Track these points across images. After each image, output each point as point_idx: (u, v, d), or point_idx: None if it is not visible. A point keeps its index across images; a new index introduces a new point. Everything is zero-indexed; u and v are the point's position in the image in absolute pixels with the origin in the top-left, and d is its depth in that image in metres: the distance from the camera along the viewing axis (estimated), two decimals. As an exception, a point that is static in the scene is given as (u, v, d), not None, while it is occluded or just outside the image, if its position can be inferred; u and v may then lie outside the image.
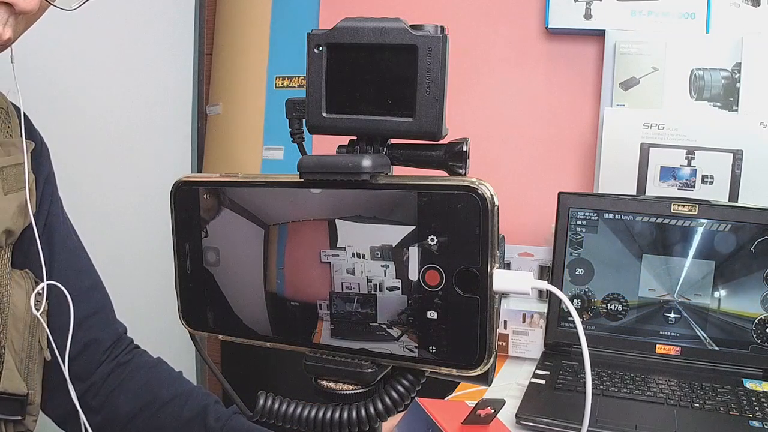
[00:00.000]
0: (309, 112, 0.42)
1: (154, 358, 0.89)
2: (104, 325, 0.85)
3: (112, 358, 0.85)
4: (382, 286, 0.41)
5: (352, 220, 0.41)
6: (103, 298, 0.87)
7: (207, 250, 0.46)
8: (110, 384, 0.83)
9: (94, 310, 0.84)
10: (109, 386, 0.83)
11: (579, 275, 1.21)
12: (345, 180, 0.41)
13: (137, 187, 1.49)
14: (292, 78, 1.64)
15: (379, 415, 0.43)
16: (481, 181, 0.38)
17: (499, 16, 1.47)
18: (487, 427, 0.58)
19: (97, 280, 0.87)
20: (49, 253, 0.78)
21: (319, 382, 0.44)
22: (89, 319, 0.83)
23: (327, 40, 0.41)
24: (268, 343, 0.46)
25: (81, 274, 0.84)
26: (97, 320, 0.84)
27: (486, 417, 0.57)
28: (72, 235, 0.86)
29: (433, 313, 0.40)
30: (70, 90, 1.33)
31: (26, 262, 0.77)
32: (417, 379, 0.44)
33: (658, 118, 1.29)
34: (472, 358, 0.39)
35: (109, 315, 0.87)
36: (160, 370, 0.87)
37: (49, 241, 0.79)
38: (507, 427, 0.64)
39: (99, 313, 0.85)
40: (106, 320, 0.86)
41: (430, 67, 0.40)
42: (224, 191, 0.45)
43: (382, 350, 0.42)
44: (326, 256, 0.42)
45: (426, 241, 0.39)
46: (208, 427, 0.79)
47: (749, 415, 0.96)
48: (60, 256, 0.80)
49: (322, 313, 0.43)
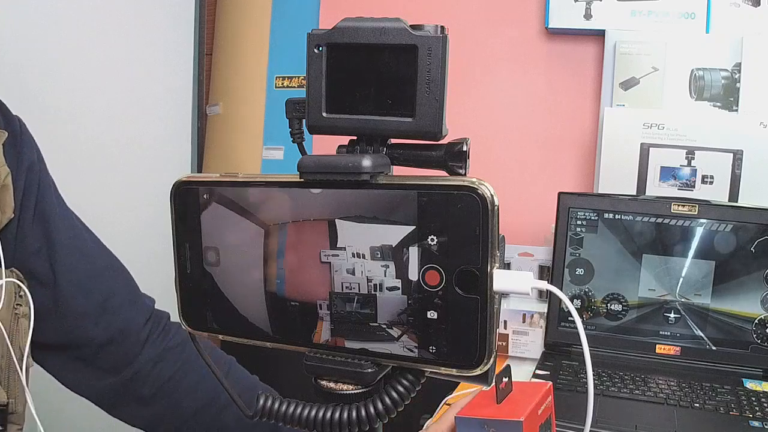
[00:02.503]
0: (309, 112, 0.42)
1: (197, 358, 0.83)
2: (129, 306, 0.80)
3: (154, 340, 0.81)
4: (382, 286, 0.41)
5: (352, 220, 0.41)
6: (122, 278, 0.82)
7: (207, 250, 0.46)
8: (164, 372, 0.80)
9: (112, 291, 0.79)
10: (163, 374, 0.80)
11: (579, 275, 1.21)
12: (345, 180, 0.40)
13: (137, 187, 1.49)
14: (292, 78, 1.64)
15: (379, 415, 0.42)
16: (481, 181, 0.38)
17: (499, 16, 1.47)
18: (515, 391, 0.61)
19: (111, 261, 0.82)
20: (47, 241, 0.75)
21: (319, 382, 0.44)
22: (109, 301, 0.78)
23: (327, 40, 0.41)
24: (268, 343, 0.46)
25: (89, 257, 0.79)
26: (119, 302, 0.79)
27: (508, 386, 0.60)
28: (72, 218, 0.81)
29: (433, 313, 0.40)
30: (71, 90, 1.33)
31: (17, 258, 0.73)
32: (417, 379, 0.43)
33: (658, 118, 1.29)
34: (472, 358, 0.39)
35: (133, 293, 0.82)
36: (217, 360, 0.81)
37: (45, 229, 0.75)
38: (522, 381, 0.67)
39: (119, 294, 0.80)
40: (130, 300, 0.81)
41: (430, 67, 0.40)
42: (224, 191, 0.45)
43: (382, 350, 0.42)
44: (326, 256, 0.42)
45: (426, 241, 0.39)
46: (279, 427, 0.75)
47: (749, 415, 0.96)
48: (62, 242, 0.76)
49: (322, 313, 0.43)
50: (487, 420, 0.59)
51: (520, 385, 0.62)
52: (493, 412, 0.59)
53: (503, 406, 0.60)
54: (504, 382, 0.60)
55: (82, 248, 0.79)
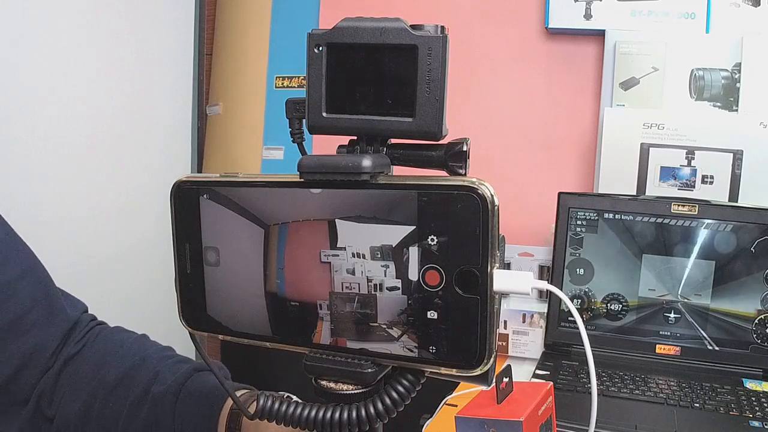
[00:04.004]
0: (309, 112, 0.42)
1: (111, 335, 0.71)
2: (45, 321, 0.66)
3: (60, 356, 0.68)
4: (382, 286, 0.41)
5: (352, 220, 0.41)
6: (34, 287, 0.67)
7: (207, 250, 0.46)
8: (62, 385, 0.67)
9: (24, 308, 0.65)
10: (62, 388, 0.67)
11: (579, 275, 1.21)
12: (345, 180, 0.40)
13: (137, 187, 1.49)
14: (292, 78, 1.64)
15: (379, 415, 0.42)
16: (481, 181, 0.38)
17: (499, 16, 1.47)
18: (515, 392, 0.61)
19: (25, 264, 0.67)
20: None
21: (319, 382, 0.44)
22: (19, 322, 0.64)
23: (327, 40, 0.41)
24: (268, 343, 0.46)
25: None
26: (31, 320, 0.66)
27: (508, 386, 0.60)
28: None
29: (433, 313, 0.40)
30: (71, 90, 1.33)
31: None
32: (417, 379, 0.43)
33: (658, 118, 1.29)
34: (473, 358, 0.39)
35: (52, 304, 0.68)
36: (113, 346, 0.69)
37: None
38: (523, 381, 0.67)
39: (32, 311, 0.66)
40: (46, 313, 0.67)
41: (430, 67, 0.40)
42: (224, 191, 0.45)
43: (382, 350, 0.42)
44: (326, 256, 0.42)
45: (426, 241, 0.39)
46: (155, 398, 0.64)
47: (749, 415, 0.96)
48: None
49: (322, 313, 0.43)
50: (487, 420, 0.59)
51: (521, 385, 0.63)
52: (493, 412, 0.59)
53: (503, 406, 0.60)
54: (504, 382, 0.60)
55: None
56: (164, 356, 0.69)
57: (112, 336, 0.71)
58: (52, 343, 0.67)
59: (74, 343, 0.69)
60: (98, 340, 0.70)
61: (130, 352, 0.68)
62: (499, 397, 0.60)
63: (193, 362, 0.69)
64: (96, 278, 1.37)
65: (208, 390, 0.64)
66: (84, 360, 0.68)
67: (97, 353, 0.69)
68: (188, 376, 0.65)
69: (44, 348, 0.66)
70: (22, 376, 0.65)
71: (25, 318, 0.65)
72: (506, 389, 0.61)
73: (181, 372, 0.66)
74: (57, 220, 1.30)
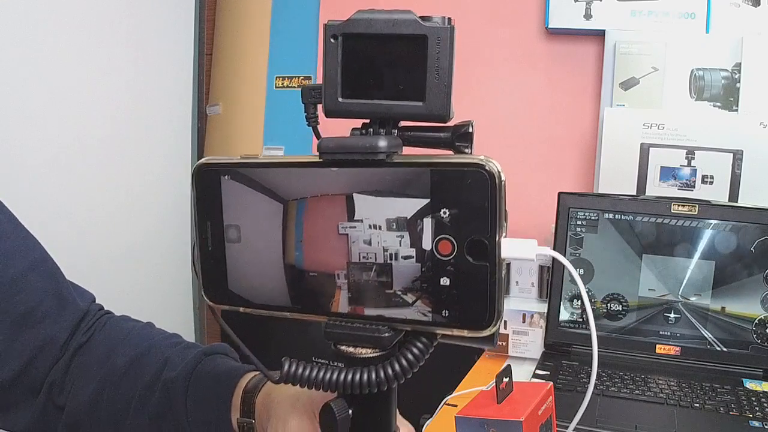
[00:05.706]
0: (326, 98, 0.45)
1: (118, 323, 0.73)
2: (56, 313, 0.68)
3: (70, 346, 0.69)
4: (397, 255, 0.44)
5: (369, 194, 0.44)
6: (45, 279, 0.68)
7: (228, 228, 0.48)
8: (72, 374, 0.69)
9: (36, 301, 0.67)
10: (72, 377, 0.68)
11: (579, 275, 1.21)
12: (363, 159, 0.43)
13: (138, 186, 1.49)
14: (292, 78, 1.64)
15: (397, 375, 0.45)
16: (488, 159, 0.42)
17: (499, 16, 1.47)
18: (515, 392, 0.62)
19: (36, 256, 0.68)
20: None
21: (339, 347, 0.47)
22: (30, 315, 0.66)
23: (342, 31, 0.44)
24: (288, 314, 0.48)
25: (7, 257, 0.65)
26: (42, 312, 0.67)
27: (508, 386, 0.62)
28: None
29: (446, 280, 0.43)
30: (71, 90, 1.33)
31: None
32: (430, 341, 0.46)
33: (658, 118, 1.29)
34: (482, 319, 0.42)
35: (62, 295, 0.69)
36: (120, 334, 0.70)
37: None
38: (523, 381, 0.67)
39: (43, 302, 0.67)
40: (57, 305, 0.68)
41: (439, 55, 0.43)
42: (245, 171, 0.47)
43: (397, 316, 0.45)
44: (344, 228, 0.45)
45: (438, 214, 0.42)
46: (166, 383, 0.66)
47: (749, 415, 0.96)
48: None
49: (339, 282, 0.46)
50: (487, 420, 0.59)
51: (521, 385, 0.63)
52: (493, 412, 0.59)
53: (503, 406, 0.60)
54: (504, 382, 0.61)
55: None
56: (172, 342, 0.71)
57: (119, 324, 0.73)
58: (62, 333, 0.69)
59: (83, 332, 0.70)
60: (106, 329, 0.72)
61: (137, 339, 0.70)
62: (499, 397, 0.60)
63: (201, 347, 0.70)
64: (98, 275, 1.36)
65: (220, 373, 0.66)
66: (93, 348, 0.70)
67: (105, 341, 0.70)
68: (198, 361, 0.67)
69: (55, 339, 0.68)
70: (33, 367, 0.67)
71: (37, 310, 0.67)
72: (506, 389, 0.61)
73: (190, 357, 0.67)
74: (60, 218, 1.30)
